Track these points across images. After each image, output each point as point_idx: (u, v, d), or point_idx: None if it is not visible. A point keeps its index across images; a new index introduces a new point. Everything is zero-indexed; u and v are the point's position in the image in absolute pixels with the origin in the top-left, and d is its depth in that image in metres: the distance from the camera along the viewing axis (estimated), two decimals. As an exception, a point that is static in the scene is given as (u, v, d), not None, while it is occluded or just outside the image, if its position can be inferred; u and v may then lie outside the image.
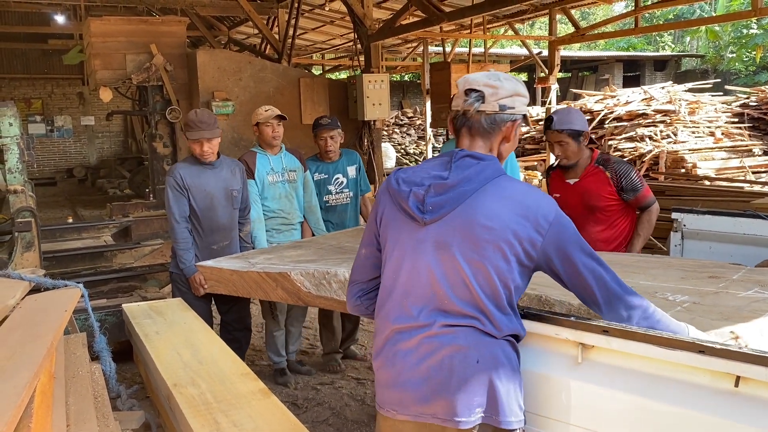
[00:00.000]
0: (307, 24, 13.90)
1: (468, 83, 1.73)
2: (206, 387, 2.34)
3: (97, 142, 19.19)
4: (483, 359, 1.63)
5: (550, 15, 11.32)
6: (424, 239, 1.69)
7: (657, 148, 11.77)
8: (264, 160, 3.99)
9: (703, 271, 2.59)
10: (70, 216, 10.39)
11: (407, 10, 8.45)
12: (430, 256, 1.68)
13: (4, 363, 1.84)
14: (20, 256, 4.23)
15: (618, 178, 3.10)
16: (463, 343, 1.65)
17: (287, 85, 8.94)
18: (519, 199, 1.66)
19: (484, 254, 1.62)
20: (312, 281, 2.74)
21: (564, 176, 3.25)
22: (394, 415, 1.72)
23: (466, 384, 1.63)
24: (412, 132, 18.57)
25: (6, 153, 4.31)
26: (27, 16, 16.33)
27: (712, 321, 1.86)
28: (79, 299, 2.69)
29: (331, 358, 4.40)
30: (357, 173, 4.38)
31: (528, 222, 1.63)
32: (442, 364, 1.65)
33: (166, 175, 3.63)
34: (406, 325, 1.72)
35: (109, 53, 8.13)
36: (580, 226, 3.18)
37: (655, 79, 21.71)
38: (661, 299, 2.11)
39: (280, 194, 4.03)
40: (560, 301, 1.97)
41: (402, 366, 1.71)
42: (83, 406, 2.08)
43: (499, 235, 1.62)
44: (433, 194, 1.67)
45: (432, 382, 1.66)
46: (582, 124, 3.11)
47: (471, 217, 1.64)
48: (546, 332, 1.65)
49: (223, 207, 3.68)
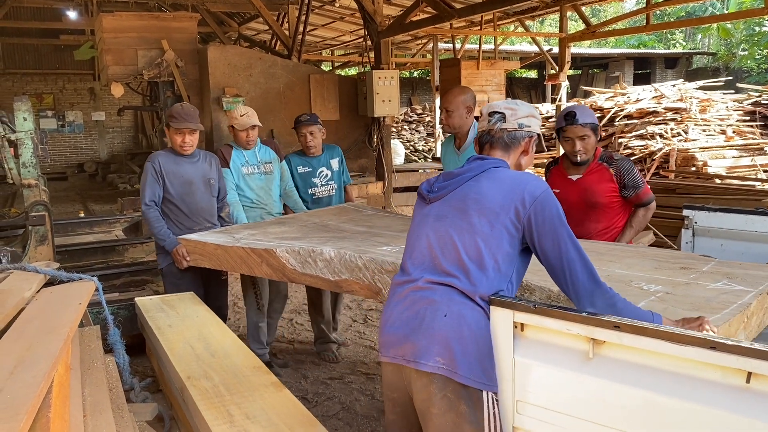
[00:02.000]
0: (317, 20, 13.91)
1: (491, 107, 2.08)
2: (219, 380, 2.37)
3: (108, 138, 19.29)
4: (450, 315, 1.85)
5: (560, 12, 11.27)
6: (428, 214, 2.04)
7: (667, 146, 11.72)
8: (238, 153, 4.16)
9: (675, 261, 2.70)
10: (81, 211, 10.46)
11: (417, 6, 8.44)
12: (429, 227, 2.01)
13: (24, 354, 1.88)
14: (34, 249, 4.28)
15: (621, 175, 3.11)
16: (437, 298, 1.90)
17: (297, 81, 8.96)
18: (509, 179, 1.95)
19: (471, 222, 1.91)
20: (297, 259, 2.79)
21: (566, 172, 3.25)
22: (381, 357, 2.00)
23: (430, 332, 1.86)
24: (421, 129, 18.55)
25: (20, 147, 4.35)
26: (39, 12, 16.43)
27: (684, 311, 1.96)
28: (93, 292, 2.72)
29: (326, 347, 4.48)
30: (339, 165, 4.53)
31: (515, 195, 1.89)
32: (417, 314, 1.91)
33: (146, 161, 3.74)
34: (402, 281, 2.03)
35: (121, 49, 8.16)
36: (580, 222, 3.21)
37: (666, 77, 21.58)
38: (636, 288, 2.23)
39: (257, 185, 4.18)
40: (540, 287, 2.11)
41: (390, 314, 2.00)
42: (99, 397, 2.11)
43: (486, 206, 1.90)
44: (441, 181, 2.06)
45: (406, 328, 1.92)
46: (596, 119, 3.14)
47: (465, 195, 1.96)
48: (557, 327, 1.66)
49: (202, 192, 3.82)
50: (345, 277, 2.60)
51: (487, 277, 1.86)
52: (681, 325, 1.78)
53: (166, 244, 3.64)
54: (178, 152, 3.75)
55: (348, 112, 9.38)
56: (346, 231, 3.26)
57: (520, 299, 1.86)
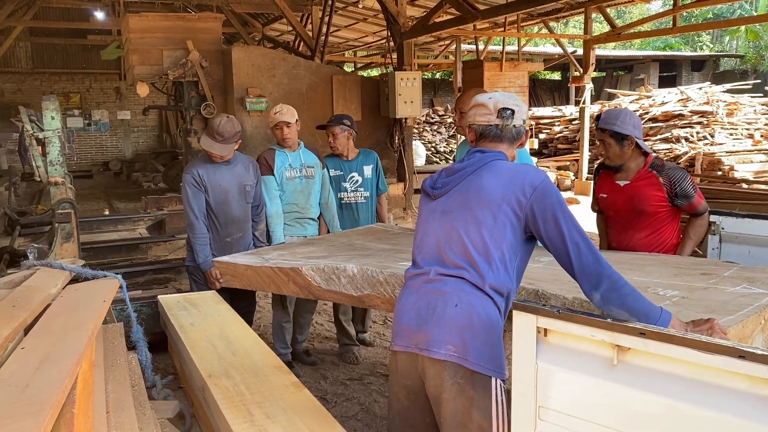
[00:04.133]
0: (340, 21, 13.95)
1: (499, 102, 2.11)
2: (240, 379, 2.38)
3: (133, 136, 19.53)
4: (461, 304, 1.93)
5: (585, 13, 11.18)
6: (434, 209, 2.10)
7: (693, 149, 11.57)
8: (282, 156, 4.10)
9: (697, 268, 2.68)
10: (106, 209, 10.60)
11: (441, 7, 8.43)
12: (436, 222, 2.08)
13: (49, 350, 1.90)
14: (60, 246, 4.34)
15: (672, 185, 3.03)
16: (448, 289, 1.97)
17: (320, 82, 9.00)
18: (509, 171, 2.02)
19: (475, 215, 1.97)
20: (322, 276, 2.88)
21: (614, 177, 3.19)
22: (394, 347, 2.06)
23: (442, 321, 1.93)
24: (442, 130, 18.45)
25: (48, 146, 4.41)
26: (67, 12, 16.71)
27: (697, 314, 1.95)
28: (117, 290, 2.75)
29: (348, 349, 4.47)
30: (373, 173, 4.44)
31: (515, 185, 1.95)
32: (429, 304, 1.98)
33: (184, 172, 3.76)
34: (413, 273, 2.10)
35: (147, 49, 8.27)
36: (623, 228, 3.17)
37: (692, 80, 21.28)
38: (652, 293, 2.22)
39: (296, 189, 4.12)
40: (555, 295, 2.15)
41: (403, 305, 2.07)
42: (122, 394, 2.14)
43: (488, 198, 1.97)
44: (444, 176, 2.12)
45: (419, 318, 1.98)
46: (629, 129, 3.02)
47: (468, 188, 2.03)
48: (581, 333, 1.63)
49: (237, 201, 3.82)
50: (367, 292, 2.67)
51: (493, 268, 1.95)
52: (690, 326, 1.78)
53: (201, 264, 3.67)
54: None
55: (370, 113, 9.40)
56: (371, 249, 3.30)
57: (543, 304, 1.84)
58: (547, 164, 13.80)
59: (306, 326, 4.44)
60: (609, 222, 3.29)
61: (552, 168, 13.74)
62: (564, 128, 15.27)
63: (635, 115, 3.16)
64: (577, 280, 1.90)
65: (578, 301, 2.12)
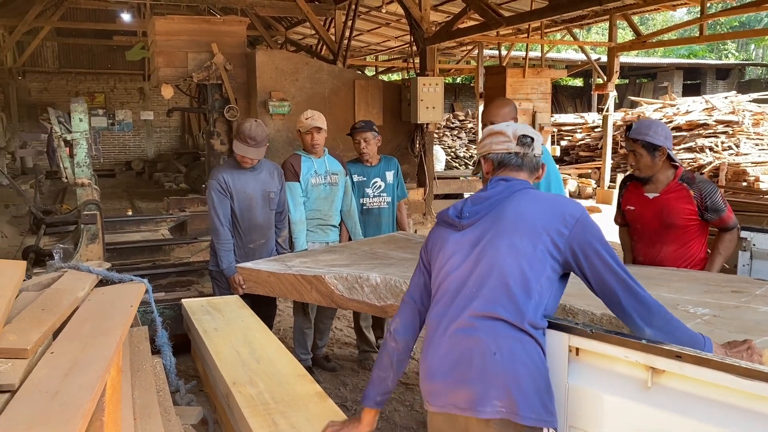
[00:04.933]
0: (363, 25, 13.99)
1: (518, 130, 2.00)
2: (264, 387, 2.38)
3: (155, 137, 19.75)
4: (501, 352, 1.75)
5: (610, 21, 11.09)
6: (462, 241, 1.91)
7: (717, 159, 11.42)
8: (308, 162, 4.11)
9: (727, 285, 2.61)
10: (129, 209, 10.71)
11: (465, 14, 8.40)
12: (464, 254, 1.89)
13: (78, 355, 1.91)
14: (85, 247, 4.39)
15: (702, 198, 2.98)
16: (482, 336, 1.78)
17: (342, 86, 9.01)
18: (547, 200, 1.90)
19: (513, 243, 1.80)
20: (345, 285, 2.86)
21: (642, 189, 3.15)
22: (429, 407, 1.88)
23: (483, 375, 1.75)
24: (462, 135, 18.45)
25: (75, 147, 4.47)
26: (94, 13, 16.95)
27: (730, 334, 1.89)
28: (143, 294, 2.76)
29: (367, 356, 4.49)
30: (395, 178, 4.45)
31: (555, 217, 1.81)
32: (463, 355, 1.79)
33: (209, 178, 3.77)
34: (440, 318, 1.90)
35: (172, 51, 8.34)
36: (651, 242, 3.12)
37: (717, 88, 21.03)
38: (682, 311, 2.16)
39: (320, 195, 4.13)
40: (583, 311, 2.04)
41: (432, 359, 1.88)
42: (148, 400, 2.14)
43: (527, 226, 1.82)
44: (470, 205, 1.94)
45: (455, 373, 1.80)
46: (661, 140, 2.98)
47: (501, 217, 1.86)
48: (614, 353, 1.61)
49: (261, 207, 3.83)
50: (390, 302, 2.65)
51: (533, 302, 1.78)
52: (727, 348, 1.73)
53: (225, 270, 3.69)
54: (240, 164, 3.77)
55: (391, 118, 9.40)
56: (393, 258, 3.29)
57: (576, 323, 1.81)
58: (568, 172, 13.69)
59: (326, 332, 4.45)
60: (635, 235, 3.25)
61: (573, 176, 13.63)
62: (586, 135, 15.16)
63: (666, 127, 3.11)
64: (624, 316, 1.76)
65: (606, 317, 2.09)
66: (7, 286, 2.38)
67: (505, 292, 1.78)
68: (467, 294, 1.83)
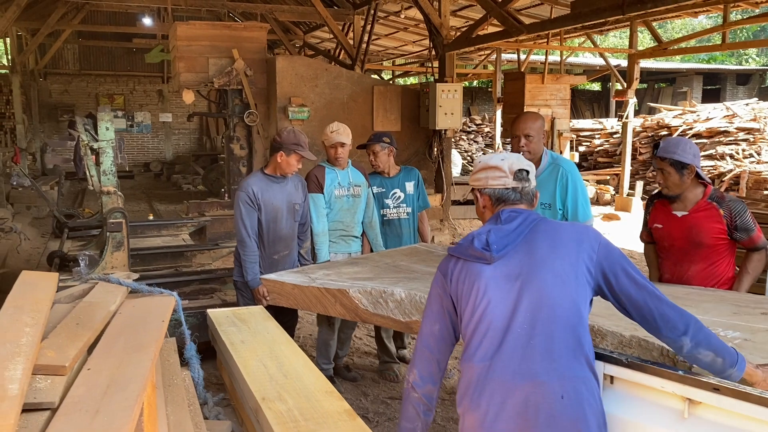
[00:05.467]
0: (381, 30, 14.01)
1: (514, 164, 1.98)
2: (293, 403, 2.39)
3: (174, 139, 19.91)
4: (567, 395, 1.68)
5: (631, 27, 11.03)
6: (495, 275, 1.82)
7: (738, 167, 11.31)
8: (332, 174, 4.14)
9: (756, 306, 2.58)
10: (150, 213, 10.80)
11: (485, 20, 8.39)
12: (505, 289, 1.80)
13: (114, 372, 1.95)
14: (110, 254, 4.44)
15: (732, 217, 2.96)
16: (545, 378, 1.70)
17: (361, 92, 9.04)
18: (569, 228, 1.90)
19: (556, 274, 1.77)
20: (369, 299, 2.87)
21: (670, 207, 3.13)
22: None
23: (551, 420, 1.67)
24: (479, 139, 18.44)
25: (101, 156, 4.52)
26: (114, 16, 17.13)
27: (762, 359, 1.87)
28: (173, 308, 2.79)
29: (388, 367, 4.50)
30: (415, 189, 4.46)
31: (582, 243, 1.82)
32: (528, 401, 1.70)
33: (238, 189, 3.79)
34: (487, 364, 1.79)
35: (193, 57, 8.40)
36: (678, 260, 3.11)
37: (737, 94, 20.82)
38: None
39: (343, 207, 4.16)
40: (612, 332, 2.03)
41: (489, 406, 1.76)
42: (181, 416, 2.17)
43: (564, 256, 1.80)
44: (494, 236, 1.85)
45: (518, 421, 1.70)
46: (690, 158, 2.96)
47: (534, 248, 1.82)
48: (650, 383, 1.61)
49: (286, 219, 3.86)
50: (415, 318, 2.64)
51: (586, 331, 1.77)
52: (763, 369, 1.71)
53: (250, 282, 3.72)
54: (270, 176, 3.79)
55: (409, 124, 9.41)
56: (417, 272, 3.29)
57: (612, 352, 1.81)
58: (586, 178, 13.63)
59: (347, 341, 4.48)
60: (662, 253, 3.23)
61: (591, 182, 13.56)
62: (604, 141, 15.08)
63: (694, 145, 3.10)
64: (659, 330, 1.75)
65: (636, 339, 2.08)
66: (42, 301, 2.42)
67: (563, 327, 1.74)
68: (519, 333, 1.75)
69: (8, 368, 1.77)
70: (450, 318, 1.96)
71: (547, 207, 3.25)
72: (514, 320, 1.77)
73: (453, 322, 1.96)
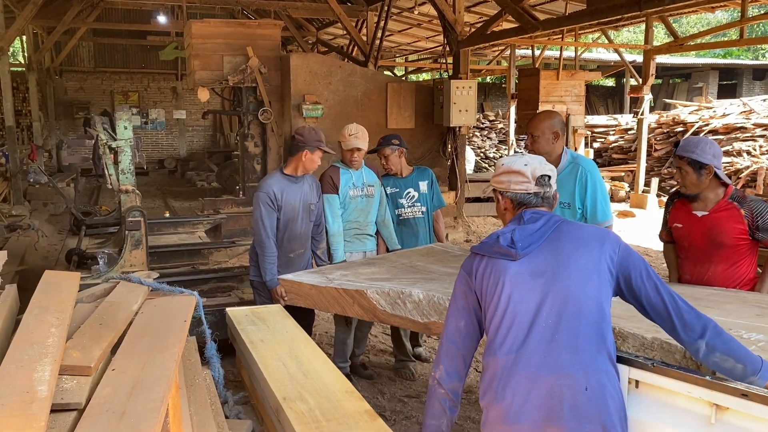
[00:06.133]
0: (394, 26, 13.99)
1: (537, 169, 2.02)
2: (314, 403, 2.40)
3: (188, 136, 20.01)
4: (591, 387, 1.72)
5: (647, 23, 10.93)
6: (521, 271, 1.87)
7: (755, 164, 11.19)
8: (347, 175, 4.15)
9: None
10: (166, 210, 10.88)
11: (500, 17, 8.35)
12: (530, 286, 1.85)
13: (139, 373, 1.96)
14: (129, 253, 4.47)
15: (754, 218, 2.92)
16: (571, 370, 1.74)
17: (375, 89, 9.04)
18: (591, 230, 1.96)
19: (581, 272, 1.82)
20: (387, 300, 2.87)
21: (690, 206, 3.11)
22: None
23: (575, 411, 1.71)
24: (492, 135, 18.36)
25: (120, 155, 4.56)
26: (128, 14, 17.23)
27: None
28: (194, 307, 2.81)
29: (404, 365, 4.51)
30: (429, 188, 4.46)
31: (604, 243, 1.88)
32: (552, 393, 1.73)
33: (258, 190, 3.78)
34: (512, 357, 1.82)
35: (208, 54, 8.44)
36: (698, 261, 3.08)
37: (754, 89, 20.59)
38: (736, 337, 2.07)
39: (357, 207, 4.18)
40: (633, 334, 2.03)
41: (513, 398, 1.79)
42: (204, 416, 2.19)
43: (587, 256, 1.85)
44: (519, 235, 1.91)
45: (542, 411, 1.74)
46: (709, 158, 2.93)
47: (559, 247, 1.88)
48: (677, 389, 1.60)
49: (302, 219, 3.89)
50: (434, 319, 2.64)
51: (608, 328, 1.81)
52: None
53: (268, 283, 3.74)
54: (289, 176, 3.82)
55: (423, 121, 9.40)
56: (434, 272, 3.29)
57: (637, 356, 1.80)
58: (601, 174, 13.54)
59: (363, 340, 4.50)
60: (682, 253, 3.21)
61: (606, 178, 13.48)
62: (619, 138, 14.97)
63: (716, 145, 3.06)
64: (676, 332, 1.80)
65: (658, 341, 2.07)
66: (66, 301, 2.45)
67: (587, 323, 1.78)
68: (543, 327, 1.80)
69: (36, 369, 1.79)
70: (475, 314, 2.01)
71: (567, 206, 3.22)
72: (539, 315, 1.81)
73: (478, 318, 2.01)
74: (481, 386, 1.94)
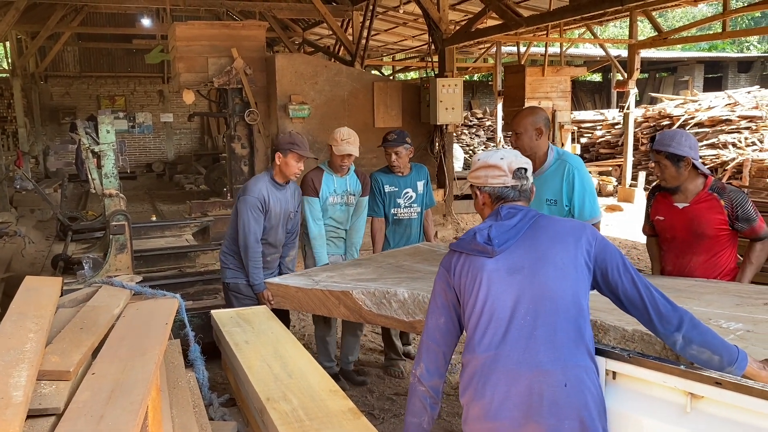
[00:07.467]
0: (380, 25, 13.99)
1: (513, 162, 2.01)
2: (298, 403, 2.40)
3: (175, 139, 19.92)
4: (570, 383, 1.72)
5: (630, 17, 10.99)
6: (497, 268, 1.87)
7: (741, 155, 11.27)
8: (329, 181, 4.10)
9: (759, 297, 2.58)
10: (153, 215, 10.83)
11: (484, 14, 8.36)
12: (507, 282, 1.84)
13: (119, 377, 1.96)
14: (114, 257, 4.45)
15: (734, 208, 2.95)
16: (549, 367, 1.74)
17: (361, 88, 9.02)
18: (567, 224, 1.96)
19: (558, 268, 1.82)
20: (373, 300, 2.88)
21: (671, 199, 3.13)
22: None
23: (555, 408, 1.71)
24: (481, 133, 18.41)
25: (103, 159, 4.53)
26: (113, 18, 17.13)
27: (765, 350, 1.87)
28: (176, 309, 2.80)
29: (393, 363, 4.50)
30: (424, 188, 4.42)
31: (580, 239, 1.88)
32: (531, 389, 1.74)
33: (246, 194, 3.72)
34: (491, 354, 1.82)
35: (193, 57, 8.39)
36: (681, 252, 3.10)
37: (739, 82, 20.73)
38: (715, 326, 2.13)
39: (335, 214, 4.16)
40: (614, 327, 2.04)
41: (493, 395, 1.79)
42: (186, 419, 2.18)
43: (564, 251, 1.85)
44: (495, 231, 1.90)
45: (522, 408, 1.74)
46: (686, 150, 2.95)
47: (536, 243, 1.87)
48: (652, 378, 1.62)
49: (282, 226, 3.90)
50: (419, 318, 2.65)
51: (586, 322, 1.82)
52: (765, 364, 1.70)
53: (255, 287, 3.73)
54: (274, 181, 3.79)
55: (410, 119, 9.39)
56: (420, 271, 3.30)
57: (613, 348, 1.81)
58: (588, 169, 13.60)
59: (354, 345, 4.43)
60: (664, 245, 3.23)
61: (594, 173, 13.54)
62: (606, 132, 15.04)
63: (691, 136, 3.08)
64: (653, 324, 1.80)
65: (639, 333, 2.08)
66: (46, 306, 2.43)
67: (565, 318, 1.78)
68: (522, 324, 1.80)
69: (12, 375, 1.77)
70: (455, 311, 2.00)
71: (553, 203, 3.20)
72: (517, 312, 1.81)
73: (457, 315, 2.00)
74: (462, 383, 1.94)
